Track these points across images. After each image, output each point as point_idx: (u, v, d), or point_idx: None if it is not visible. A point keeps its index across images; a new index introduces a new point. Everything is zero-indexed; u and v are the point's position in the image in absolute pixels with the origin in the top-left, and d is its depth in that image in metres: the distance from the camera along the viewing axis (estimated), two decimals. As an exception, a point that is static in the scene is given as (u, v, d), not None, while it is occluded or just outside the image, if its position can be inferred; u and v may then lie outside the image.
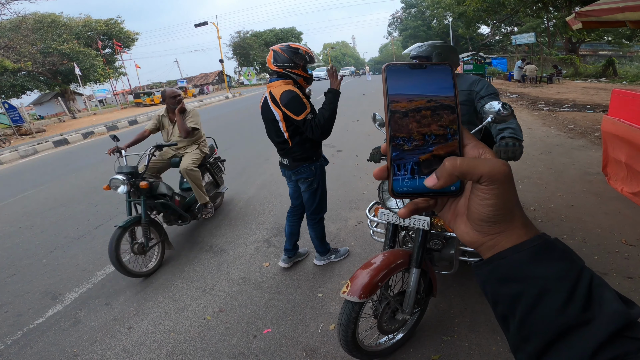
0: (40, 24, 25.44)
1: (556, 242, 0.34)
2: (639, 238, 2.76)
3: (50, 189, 6.14)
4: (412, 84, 0.36)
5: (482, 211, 0.34)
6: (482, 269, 0.36)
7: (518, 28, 31.10)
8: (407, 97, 0.36)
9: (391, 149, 0.36)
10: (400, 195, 0.36)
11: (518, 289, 0.33)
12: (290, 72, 2.35)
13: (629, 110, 3.52)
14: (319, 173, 2.56)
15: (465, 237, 0.37)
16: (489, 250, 0.35)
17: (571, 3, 12.72)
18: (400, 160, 0.36)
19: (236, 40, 47.86)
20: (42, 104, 33.76)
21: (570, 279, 0.31)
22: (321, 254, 2.87)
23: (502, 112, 1.43)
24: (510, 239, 0.34)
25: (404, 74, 0.37)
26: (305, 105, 2.29)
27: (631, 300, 0.32)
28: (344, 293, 1.63)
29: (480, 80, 2.20)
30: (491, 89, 2.15)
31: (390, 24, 56.80)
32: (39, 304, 2.78)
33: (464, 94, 2.22)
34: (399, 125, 0.36)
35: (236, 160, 6.54)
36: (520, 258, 0.33)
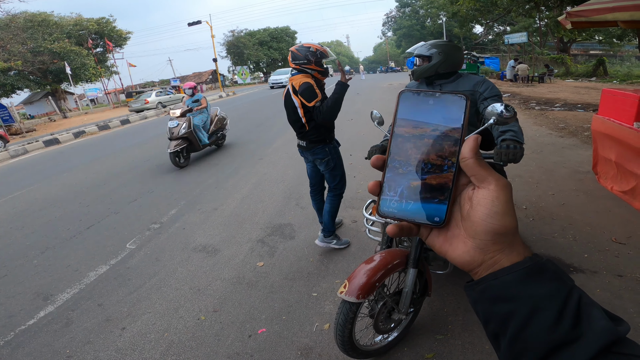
0: (31, 23, 25.13)
1: (547, 263, 0.35)
2: (629, 236, 2.80)
3: (41, 189, 6.06)
4: (423, 111, 0.37)
5: (489, 222, 0.34)
6: (474, 288, 0.37)
7: (510, 28, 31.38)
8: (414, 124, 0.36)
9: (386, 169, 0.37)
10: (385, 216, 0.36)
11: (509, 308, 0.34)
12: (306, 68, 2.71)
13: (619, 109, 3.58)
14: (333, 153, 2.89)
15: (464, 257, 0.37)
16: (487, 270, 0.36)
17: (562, 3, 12.83)
18: (392, 181, 0.36)
19: (230, 39, 47.62)
20: (33, 103, 33.32)
21: (560, 298, 0.32)
22: (325, 235, 3.04)
23: (504, 114, 1.42)
24: (509, 257, 0.35)
25: (418, 100, 0.37)
26: (316, 94, 2.66)
27: (618, 317, 0.34)
28: (342, 293, 1.63)
29: (485, 81, 2.18)
30: (495, 91, 2.14)
31: (385, 24, 56.95)
32: (31, 305, 2.75)
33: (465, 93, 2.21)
34: (400, 148, 0.36)
35: (230, 160, 6.53)
36: (512, 279, 0.34)
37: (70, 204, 5.02)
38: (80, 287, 2.92)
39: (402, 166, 0.36)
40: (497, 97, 2.08)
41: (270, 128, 9.60)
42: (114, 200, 4.97)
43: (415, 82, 2.43)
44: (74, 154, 9.46)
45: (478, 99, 2.16)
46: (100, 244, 3.64)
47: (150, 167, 6.65)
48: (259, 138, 8.31)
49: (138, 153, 8.25)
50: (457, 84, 2.23)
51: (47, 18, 26.82)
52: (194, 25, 28.02)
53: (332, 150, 2.88)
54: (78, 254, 3.49)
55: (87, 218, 4.41)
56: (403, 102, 0.37)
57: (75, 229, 4.11)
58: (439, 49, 2.18)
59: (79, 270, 3.17)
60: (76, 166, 7.67)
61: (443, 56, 2.16)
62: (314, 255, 3.02)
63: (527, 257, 0.35)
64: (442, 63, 2.17)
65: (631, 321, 1.98)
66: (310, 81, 2.66)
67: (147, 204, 4.68)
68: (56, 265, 3.31)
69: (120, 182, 5.86)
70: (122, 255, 3.35)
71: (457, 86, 2.22)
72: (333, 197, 2.99)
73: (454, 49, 2.22)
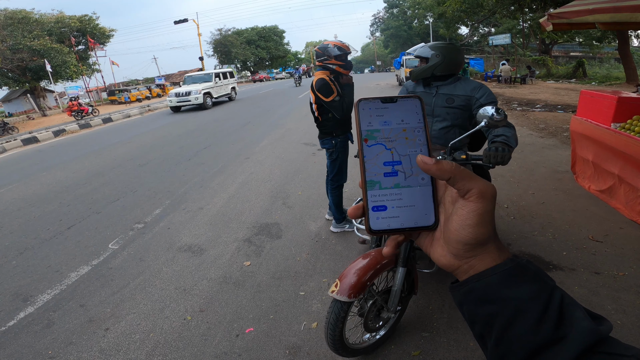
0: (11, 20, 24.40)
1: (528, 264, 0.35)
2: (605, 234, 2.90)
3: (19, 189, 5.88)
4: (383, 118, 0.37)
5: (461, 233, 0.35)
6: (459, 290, 0.37)
7: (495, 29, 31.98)
8: (378, 132, 0.36)
9: (366, 186, 0.36)
10: (377, 232, 0.36)
11: (493, 310, 0.34)
12: (327, 64, 2.87)
13: (596, 110, 3.69)
14: (339, 147, 3.07)
15: (441, 260, 0.38)
16: (464, 274, 0.37)
17: (545, 5, 13.17)
18: (375, 196, 0.36)
19: (217, 38, 47.06)
20: (11, 101, 32.20)
21: (542, 300, 0.33)
22: (337, 221, 3.30)
23: (495, 117, 1.46)
24: (484, 262, 0.35)
25: (376, 108, 0.37)
26: (332, 91, 2.82)
27: (601, 316, 0.35)
28: (333, 292, 1.63)
29: (482, 87, 2.19)
30: (491, 97, 2.14)
31: (373, 24, 57.31)
32: (10, 306, 2.67)
33: (462, 99, 2.20)
34: (372, 161, 0.36)
35: (216, 159, 6.46)
36: (494, 280, 0.34)
37: (49, 204, 4.89)
38: (61, 287, 2.85)
39: (380, 178, 0.36)
40: (493, 104, 2.08)
41: (257, 127, 9.54)
42: (95, 200, 4.86)
43: (412, 83, 2.44)
44: (53, 153, 9.20)
45: (474, 105, 2.16)
46: (82, 244, 3.55)
47: (134, 166, 6.53)
48: (245, 137, 8.25)
49: (121, 152, 8.08)
50: (454, 87, 2.23)
51: (27, 15, 26.11)
52: (180, 23, 27.61)
53: (338, 144, 3.05)
54: (58, 254, 3.40)
55: (67, 218, 4.30)
56: (362, 111, 0.37)
57: (56, 229, 4.01)
58: (437, 51, 2.17)
59: (60, 271, 3.09)
60: (56, 165, 7.46)
61: (441, 58, 2.15)
62: (301, 254, 3.03)
63: (508, 258, 0.35)
64: (439, 65, 2.17)
65: (609, 317, 2.05)
66: (325, 78, 2.83)
67: (130, 203, 4.59)
68: (36, 266, 3.22)
69: (102, 182, 5.73)
70: (104, 256, 3.29)
71: (454, 89, 2.22)
72: (332, 189, 3.22)
73: (454, 51, 2.20)
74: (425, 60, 2.23)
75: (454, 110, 2.22)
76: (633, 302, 2.15)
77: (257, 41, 51.12)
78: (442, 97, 2.24)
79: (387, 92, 16.97)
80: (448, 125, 2.25)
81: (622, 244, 2.75)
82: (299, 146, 6.85)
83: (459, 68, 2.24)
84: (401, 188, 0.36)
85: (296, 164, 5.61)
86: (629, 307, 2.11)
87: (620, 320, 2.02)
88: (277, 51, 53.87)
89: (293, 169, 5.38)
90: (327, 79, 2.83)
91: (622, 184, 3.21)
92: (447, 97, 2.22)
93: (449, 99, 2.22)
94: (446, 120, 2.25)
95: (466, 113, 2.23)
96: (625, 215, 3.12)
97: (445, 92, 2.24)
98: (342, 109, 2.88)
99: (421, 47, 2.29)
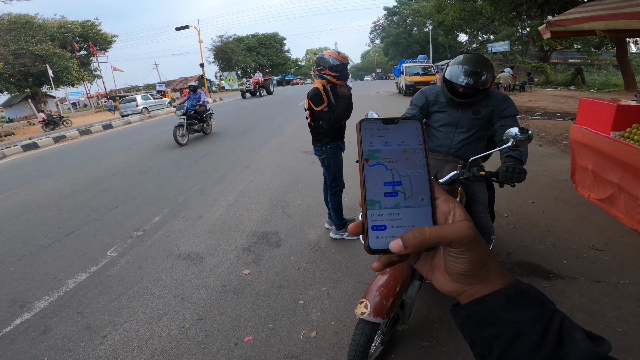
0: (14, 25, 24.61)
1: (529, 289, 0.36)
2: (605, 243, 2.89)
3: (19, 195, 5.88)
4: (384, 138, 0.38)
5: (458, 268, 0.36)
6: (460, 313, 0.38)
7: (494, 36, 32.23)
8: (379, 153, 0.37)
9: (367, 204, 0.37)
10: (375, 252, 0.36)
11: (494, 332, 0.35)
12: (323, 74, 2.92)
13: (596, 119, 3.71)
14: (329, 153, 3.10)
15: (444, 288, 0.38)
16: (468, 298, 0.37)
17: (544, 12, 13.29)
18: (375, 216, 0.37)
19: (218, 45, 47.44)
20: (12, 106, 32.39)
21: (543, 322, 0.34)
22: (337, 228, 3.32)
23: (518, 136, 1.53)
24: (488, 287, 0.36)
25: (377, 128, 0.38)
26: (323, 100, 2.86)
27: (600, 336, 0.35)
28: (364, 314, 1.58)
29: (508, 99, 2.16)
30: (514, 110, 2.12)
31: (372, 31, 57.75)
32: (7, 313, 2.66)
33: (488, 110, 2.14)
34: (373, 181, 0.37)
35: (216, 167, 6.47)
36: (495, 305, 0.35)
37: (48, 211, 4.88)
38: (59, 294, 2.84)
39: (380, 198, 0.37)
40: (515, 117, 2.11)
41: (257, 135, 9.57)
42: (94, 207, 4.85)
43: (434, 92, 2.28)
44: (53, 159, 9.21)
45: (496, 115, 2.14)
46: (80, 252, 3.54)
47: (133, 174, 6.53)
48: (245, 145, 8.27)
49: (120, 159, 8.09)
50: (484, 98, 2.16)
51: (30, 20, 26.38)
52: (181, 30, 27.81)
53: (328, 151, 3.09)
54: (56, 261, 3.39)
55: (66, 225, 4.29)
56: (364, 131, 0.38)
57: (54, 235, 4.00)
58: (484, 68, 2.01)
59: (58, 278, 3.08)
60: (55, 171, 7.47)
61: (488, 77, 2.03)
62: (301, 263, 3.02)
63: (510, 283, 0.36)
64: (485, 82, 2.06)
65: (610, 326, 2.04)
66: (319, 87, 2.88)
67: (129, 211, 4.59)
68: (33, 273, 3.20)
69: (101, 189, 5.73)
70: (102, 263, 3.27)
71: (484, 99, 2.15)
72: (331, 195, 3.25)
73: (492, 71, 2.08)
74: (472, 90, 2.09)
75: (479, 122, 2.18)
76: (634, 310, 2.14)
77: (257, 48, 51.55)
78: (468, 108, 2.17)
79: (386, 100, 17.06)
80: (469, 136, 2.21)
81: (623, 252, 2.74)
82: (298, 154, 6.85)
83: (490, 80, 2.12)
84: (401, 208, 0.37)
85: (296, 172, 5.62)
86: (629, 315, 2.10)
87: (621, 328, 2.01)
88: (278, 58, 54.29)
89: (293, 177, 5.39)
90: (321, 88, 2.87)
91: (622, 193, 3.21)
92: (474, 109, 2.17)
93: (475, 111, 2.17)
94: (470, 130, 2.20)
95: (488, 124, 2.21)
96: (626, 224, 3.11)
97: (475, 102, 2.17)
98: (330, 119, 2.90)
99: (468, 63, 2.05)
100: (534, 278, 2.52)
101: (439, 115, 2.27)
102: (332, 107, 2.92)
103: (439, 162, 2.10)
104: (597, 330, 2.02)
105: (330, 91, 2.92)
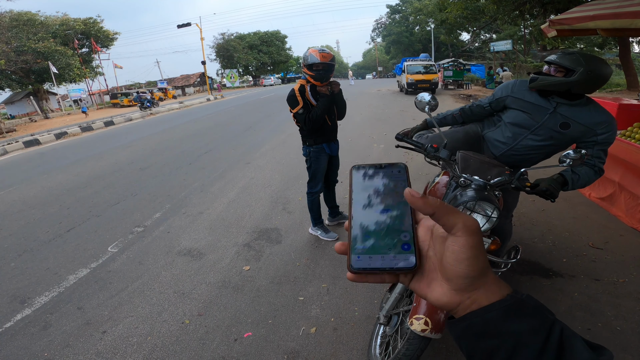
0: (16, 22, 24.64)
1: (527, 300, 0.35)
2: (605, 241, 2.89)
3: (20, 191, 5.89)
4: (372, 181, 0.42)
5: (459, 268, 0.35)
6: (457, 325, 0.37)
7: (496, 35, 32.12)
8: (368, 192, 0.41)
9: (352, 228, 0.40)
10: (357, 271, 0.38)
11: (493, 344, 0.34)
12: (304, 72, 2.81)
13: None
14: (312, 156, 3.06)
15: (442, 299, 0.37)
16: (465, 309, 0.37)
17: (546, 11, 13.24)
18: (358, 239, 0.39)
19: (220, 42, 47.42)
20: (14, 102, 32.42)
21: (543, 333, 0.33)
22: (312, 224, 3.37)
23: (571, 155, 1.48)
24: (486, 295, 0.36)
25: (366, 172, 0.43)
26: (297, 102, 2.78)
27: (601, 345, 0.35)
28: (425, 331, 1.55)
29: (611, 123, 1.77)
30: (611, 139, 1.79)
31: (374, 30, 57.61)
32: (7, 308, 2.67)
33: (581, 129, 1.80)
34: (361, 213, 0.40)
35: (217, 163, 6.48)
36: (494, 316, 0.35)
37: (50, 206, 4.90)
38: (59, 290, 2.85)
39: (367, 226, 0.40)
40: (606, 145, 1.81)
41: (258, 132, 9.57)
42: (95, 203, 4.86)
43: (522, 88, 1.99)
44: (55, 155, 9.23)
45: (589, 139, 1.80)
46: (81, 247, 3.55)
47: (134, 170, 6.54)
48: (246, 142, 8.27)
49: (122, 155, 8.11)
50: (578, 111, 1.81)
51: (32, 17, 26.43)
52: (183, 28, 27.78)
53: (311, 153, 3.07)
54: (57, 257, 3.40)
55: (67, 221, 4.31)
56: (355, 176, 0.43)
57: (55, 231, 4.01)
58: (589, 67, 1.70)
59: (58, 274, 3.09)
60: (57, 168, 7.49)
61: (587, 76, 1.71)
62: (301, 259, 3.02)
63: (508, 294, 0.36)
64: (582, 84, 1.74)
65: (609, 324, 2.05)
66: (295, 88, 2.81)
67: (130, 207, 4.60)
68: (34, 268, 3.22)
69: (102, 185, 5.74)
70: (103, 259, 3.29)
71: (577, 114, 1.81)
72: (307, 194, 3.27)
73: (603, 70, 1.73)
74: (564, 72, 1.78)
75: (561, 137, 1.86)
76: (633, 308, 2.14)
77: (259, 46, 51.47)
78: (558, 117, 1.84)
79: (387, 98, 17.02)
80: (540, 147, 1.95)
81: (623, 251, 2.74)
82: (299, 152, 6.79)
83: (593, 90, 1.80)
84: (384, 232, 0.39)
85: (297, 169, 5.62)
86: (629, 314, 2.10)
87: (620, 327, 2.01)
88: (279, 56, 54.21)
89: (294, 174, 5.39)
90: (297, 89, 2.80)
91: (623, 192, 3.21)
92: (563, 121, 1.83)
93: (564, 124, 1.83)
94: (545, 141, 1.91)
95: (569, 143, 1.89)
96: (626, 223, 3.11)
97: (564, 113, 1.83)
98: (305, 121, 2.81)
99: (561, 53, 1.82)
100: (534, 276, 2.52)
101: (517, 113, 1.99)
102: (309, 108, 2.83)
103: (484, 165, 1.84)
104: (596, 328, 2.02)
105: (311, 91, 2.82)
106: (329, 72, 2.78)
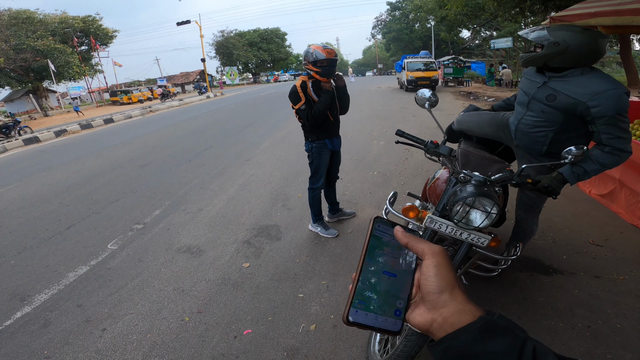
0: (15, 20, 24.59)
1: (499, 320, 0.38)
2: (606, 239, 2.89)
3: (19, 188, 5.89)
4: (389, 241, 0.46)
5: (428, 284, 0.41)
6: (436, 347, 0.40)
7: (497, 32, 31.99)
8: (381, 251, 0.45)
9: (359, 281, 0.43)
10: (351, 324, 0.41)
11: None
12: (307, 69, 2.83)
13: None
14: (315, 151, 3.06)
15: (420, 321, 0.42)
16: (440, 329, 0.40)
17: (547, 8, 13.19)
18: (361, 295, 0.42)
19: (219, 40, 47.28)
20: (13, 100, 32.37)
21: (515, 351, 0.36)
22: (312, 220, 3.37)
23: (573, 151, 1.50)
24: (458, 316, 0.39)
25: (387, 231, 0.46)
26: (300, 98, 2.80)
27: (575, 359, 0.37)
28: None
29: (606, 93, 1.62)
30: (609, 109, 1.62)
31: (374, 27, 57.36)
32: (7, 306, 2.66)
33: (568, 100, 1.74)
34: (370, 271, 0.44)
35: (217, 160, 6.46)
36: (468, 338, 0.37)
37: (49, 204, 4.89)
38: (59, 287, 2.84)
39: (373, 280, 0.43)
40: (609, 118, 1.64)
41: (258, 129, 9.55)
42: (95, 201, 4.86)
43: None
44: (54, 153, 9.22)
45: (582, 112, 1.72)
46: (81, 245, 3.55)
47: (134, 167, 6.53)
48: (246, 139, 8.25)
49: (122, 152, 8.09)
50: (568, 83, 1.76)
51: (31, 15, 26.38)
52: (182, 25, 27.65)
53: (313, 148, 3.06)
54: (57, 254, 3.40)
55: (66, 218, 4.30)
56: (375, 230, 0.45)
57: (55, 229, 4.01)
58: (558, 38, 1.68)
59: (58, 271, 3.09)
60: (56, 165, 7.48)
61: (555, 49, 1.69)
62: (300, 256, 3.02)
63: (480, 316, 0.39)
64: (556, 56, 1.71)
65: (608, 322, 2.04)
66: (297, 84, 2.83)
67: (130, 204, 4.59)
68: (34, 266, 3.21)
69: (102, 182, 5.73)
70: (103, 256, 3.28)
71: (567, 85, 1.76)
72: (308, 189, 3.26)
73: (583, 39, 1.66)
74: (540, 47, 1.78)
75: (550, 110, 1.82)
76: (633, 306, 2.14)
77: (259, 43, 51.30)
78: (546, 90, 1.83)
79: (388, 95, 16.98)
80: (537, 124, 1.91)
81: (623, 248, 2.74)
82: (299, 148, 6.83)
83: (589, 60, 1.73)
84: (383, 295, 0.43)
85: (297, 166, 5.61)
86: (628, 311, 2.10)
87: (619, 324, 2.01)
88: (279, 53, 54.04)
89: (293, 171, 5.38)
90: (299, 86, 2.81)
91: (623, 189, 3.20)
92: (549, 93, 1.81)
93: (550, 96, 1.80)
94: (538, 117, 1.88)
95: (570, 117, 1.79)
96: (626, 220, 3.10)
97: (553, 85, 1.81)
98: (308, 117, 2.84)
99: (540, 29, 1.80)
100: (534, 273, 2.51)
101: (520, 92, 2.01)
102: (311, 104, 2.85)
103: (484, 161, 1.81)
104: (596, 326, 2.02)
105: (313, 87, 2.83)
106: (334, 67, 2.83)
